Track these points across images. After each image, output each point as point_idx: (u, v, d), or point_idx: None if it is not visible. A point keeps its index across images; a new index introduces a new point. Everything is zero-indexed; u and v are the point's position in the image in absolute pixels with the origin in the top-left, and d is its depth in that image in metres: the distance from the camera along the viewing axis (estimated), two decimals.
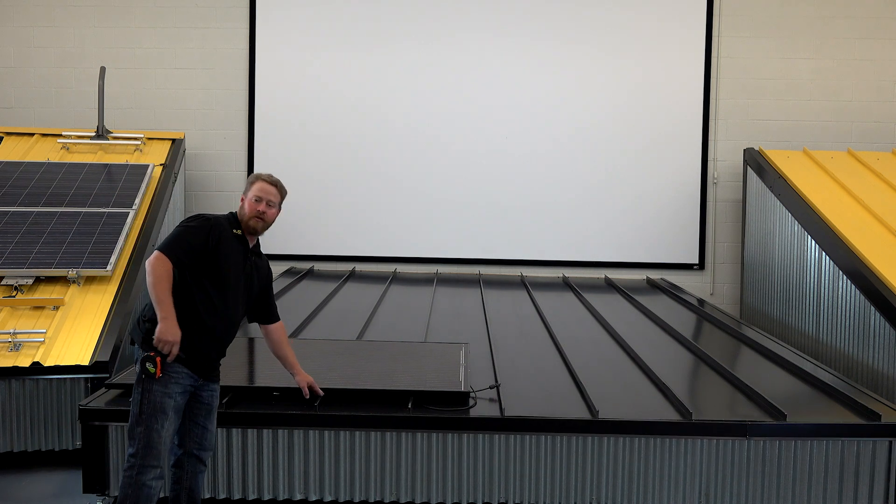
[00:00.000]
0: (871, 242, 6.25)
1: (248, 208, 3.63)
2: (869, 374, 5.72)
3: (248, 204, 3.63)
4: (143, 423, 3.35)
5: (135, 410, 3.38)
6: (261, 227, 3.66)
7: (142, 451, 3.34)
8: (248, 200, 3.64)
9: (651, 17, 8.80)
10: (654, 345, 5.66)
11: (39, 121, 8.71)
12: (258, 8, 8.80)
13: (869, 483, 3.99)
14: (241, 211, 3.65)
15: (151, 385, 3.36)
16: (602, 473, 3.99)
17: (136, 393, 3.38)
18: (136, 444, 3.36)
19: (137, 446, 3.35)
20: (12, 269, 5.86)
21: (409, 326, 5.99)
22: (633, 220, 8.81)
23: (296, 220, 8.82)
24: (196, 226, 3.49)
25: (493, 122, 8.85)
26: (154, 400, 3.36)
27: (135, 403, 3.38)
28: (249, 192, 3.66)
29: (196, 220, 3.52)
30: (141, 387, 3.37)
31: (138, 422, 3.36)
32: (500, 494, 4.02)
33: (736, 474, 3.98)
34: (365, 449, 4.00)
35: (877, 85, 8.82)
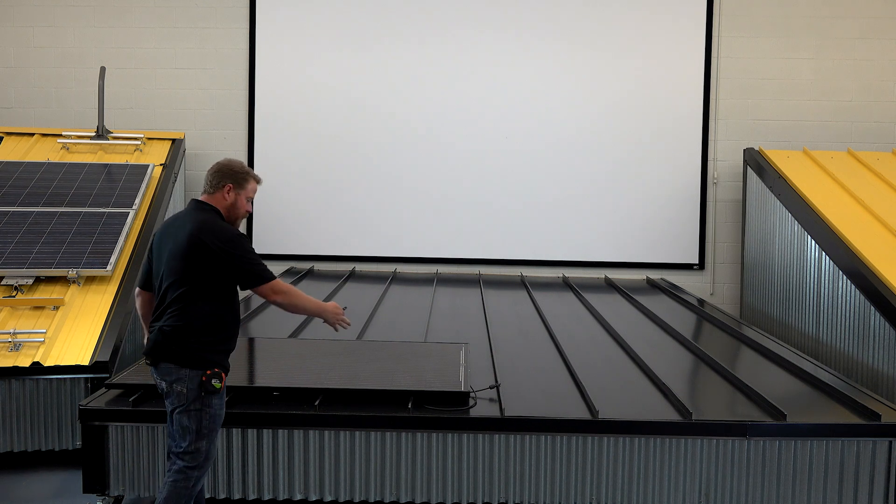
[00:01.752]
0: (871, 242, 6.25)
1: (242, 207, 3.63)
2: (869, 374, 5.72)
3: (242, 203, 3.63)
4: (205, 437, 3.43)
5: (193, 426, 3.40)
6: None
7: (203, 463, 3.45)
8: (241, 199, 3.61)
9: (651, 17, 8.80)
10: (654, 345, 5.66)
11: (39, 121, 8.71)
12: (258, 8, 8.80)
13: (869, 483, 3.99)
14: (232, 207, 3.60)
15: (211, 399, 3.43)
16: (602, 473, 3.99)
17: (194, 411, 3.40)
18: (199, 457, 3.42)
19: (200, 459, 3.43)
20: (12, 269, 5.86)
21: (409, 326, 5.99)
22: (633, 220, 8.81)
23: (296, 220, 8.83)
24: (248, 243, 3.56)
25: (492, 122, 8.85)
26: (214, 413, 3.45)
27: (193, 420, 3.40)
28: (245, 190, 3.61)
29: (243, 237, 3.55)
30: (199, 403, 3.40)
31: (199, 437, 3.41)
32: (500, 494, 4.02)
33: (736, 474, 3.98)
34: (365, 449, 4.00)
35: (877, 85, 8.82)
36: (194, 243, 3.41)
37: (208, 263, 3.41)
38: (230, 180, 3.58)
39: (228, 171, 3.59)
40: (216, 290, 3.47)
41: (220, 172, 3.59)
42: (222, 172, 3.59)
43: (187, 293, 3.43)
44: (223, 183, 3.57)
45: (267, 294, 3.53)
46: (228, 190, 3.57)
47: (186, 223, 3.48)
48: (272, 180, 8.81)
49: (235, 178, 3.59)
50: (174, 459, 3.44)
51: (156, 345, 3.46)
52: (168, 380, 3.43)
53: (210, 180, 3.59)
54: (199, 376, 3.39)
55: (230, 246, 3.43)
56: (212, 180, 3.58)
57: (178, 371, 3.41)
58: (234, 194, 3.59)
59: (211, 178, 3.59)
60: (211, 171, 3.61)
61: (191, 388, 3.39)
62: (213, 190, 3.58)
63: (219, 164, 3.63)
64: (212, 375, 3.40)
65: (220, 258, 3.42)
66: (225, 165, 3.62)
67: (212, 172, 3.60)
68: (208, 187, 3.59)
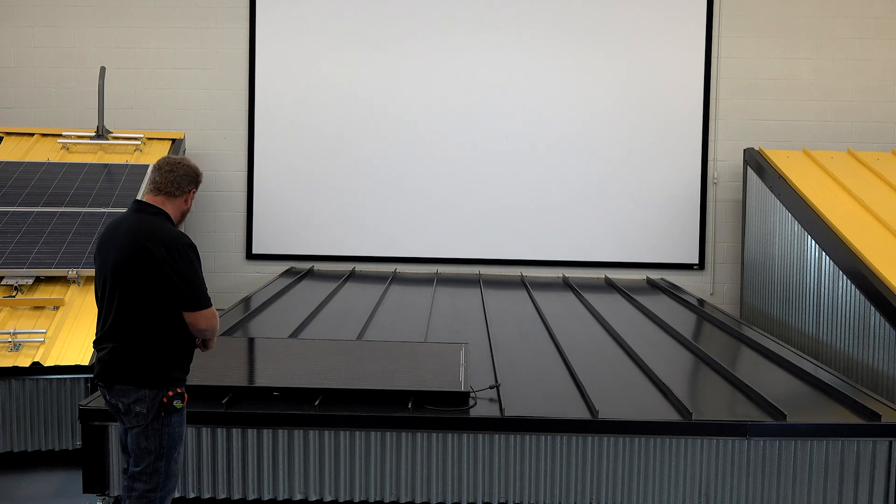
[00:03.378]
0: (871, 242, 6.25)
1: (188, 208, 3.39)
2: (869, 374, 5.72)
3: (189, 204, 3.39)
4: (166, 457, 3.26)
5: (153, 446, 3.23)
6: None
7: (163, 484, 3.27)
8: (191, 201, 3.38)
9: (651, 17, 8.80)
10: (654, 345, 5.66)
11: (39, 121, 8.71)
12: (258, 8, 8.80)
13: (869, 483, 3.98)
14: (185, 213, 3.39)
15: (170, 418, 3.25)
16: (602, 473, 3.99)
17: (154, 431, 3.21)
18: (158, 478, 3.25)
19: (159, 480, 3.25)
20: (12, 269, 5.86)
21: (409, 326, 5.99)
22: (634, 220, 8.81)
23: (296, 220, 8.83)
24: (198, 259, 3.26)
25: (493, 122, 8.84)
26: (174, 432, 3.27)
27: (153, 440, 3.22)
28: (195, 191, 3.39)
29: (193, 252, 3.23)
30: (159, 423, 3.21)
31: (159, 457, 3.24)
32: (500, 494, 4.02)
33: (736, 474, 3.98)
34: (365, 449, 4.00)
35: (877, 85, 8.82)
36: (138, 251, 3.13)
37: (149, 276, 3.13)
38: (195, 184, 3.37)
39: (194, 175, 3.35)
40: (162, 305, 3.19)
41: (188, 176, 3.32)
42: (190, 176, 3.33)
43: (138, 308, 3.17)
44: (190, 187, 3.34)
45: (199, 322, 3.21)
46: (192, 195, 3.37)
47: (131, 231, 3.19)
48: (272, 180, 8.82)
49: (198, 182, 3.39)
50: (130, 483, 3.26)
51: (108, 366, 3.21)
52: (125, 401, 3.21)
53: (174, 182, 3.28)
54: (160, 396, 3.20)
55: (177, 258, 3.14)
56: (177, 182, 3.29)
57: (136, 391, 3.19)
58: (192, 199, 3.39)
59: (177, 180, 3.29)
60: (172, 172, 3.30)
61: (151, 408, 3.20)
62: (177, 193, 3.29)
63: (183, 167, 3.33)
64: (174, 396, 3.22)
65: (161, 269, 3.12)
66: (190, 167, 3.35)
67: (177, 174, 3.29)
68: (171, 189, 3.28)
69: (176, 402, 3.23)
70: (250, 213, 8.83)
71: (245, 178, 8.84)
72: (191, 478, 4.01)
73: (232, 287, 8.73)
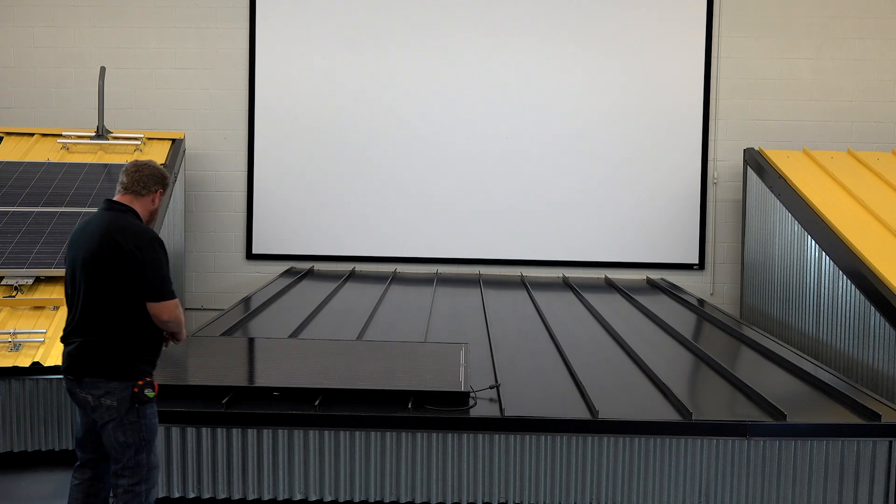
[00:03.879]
0: (871, 242, 6.25)
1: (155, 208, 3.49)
2: (869, 374, 5.72)
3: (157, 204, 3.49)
4: (146, 449, 3.31)
5: (131, 440, 3.26)
6: None
7: (146, 475, 3.32)
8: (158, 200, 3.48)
9: (651, 17, 8.80)
10: (654, 345, 5.66)
11: (39, 121, 8.70)
12: (258, 8, 8.80)
13: (869, 483, 3.99)
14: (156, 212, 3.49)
15: (146, 410, 3.30)
16: (602, 473, 3.99)
17: (130, 424, 3.26)
18: (141, 471, 3.29)
19: (143, 473, 3.29)
20: (12, 269, 5.86)
21: (409, 326, 5.99)
22: (633, 220, 8.80)
23: (296, 220, 8.83)
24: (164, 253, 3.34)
25: (493, 122, 8.84)
26: (149, 423, 3.33)
27: (130, 434, 3.26)
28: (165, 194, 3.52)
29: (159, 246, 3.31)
30: (134, 415, 3.26)
31: (140, 450, 3.28)
32: (500, 494, 4.02)
33: (736, 474, 3.98)
34: (365, 449, 4.00)
35: (877, 85, 8.82)
36: (107, 243, 3.22)
37: (117, 268, 3.21)
38: (162, 185, 3.46)
39: (161, 176, 3.46)
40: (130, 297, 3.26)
41: (153, 176, 3.43)
42: (156, 176, 3.44)
43: (110, 302, 3.24)
44: (157, 187, 3.44)
45: (162, 312, 3.26)
46: (160, 194, 3.47)
47: (101, 226, 3.28)
48: (272, 180, 8.82)
49: (164, 183, 3.48)
50: (115, 481, 3.30)
51: (77, 360, 3.26)
52: (95, 394, 3.25)
53: (140, 181, 3.39)
54: (130, 388, 3.24)
55: (143, 250, 3.22)
56: (143, 181, 3.40)
57: (106, 384, 3.24)
58: (160, 198, 3.48)
59: (143, 179, 3.40)
60: (139, 172, 3.41)
61: (122, 400, 3.24)
62: (143, 192, 3.40)
63: (149, 167, 3.45)
64: (144, 385, 3.26)
65: (127, 261, 3.20)
66: (157, 168, 3.47)
67: (143, 174, 3.41)
68: (137, 188, 3.39)
69: (147, 392, 3.28)
70: (250, 213, 8.83)
71: (245, 178, 8.84)
72: (191, 478, 4.01)
73: (232, 287, 8.73)
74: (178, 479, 4.00)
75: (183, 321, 3.41)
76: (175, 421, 3.97)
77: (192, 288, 8.78)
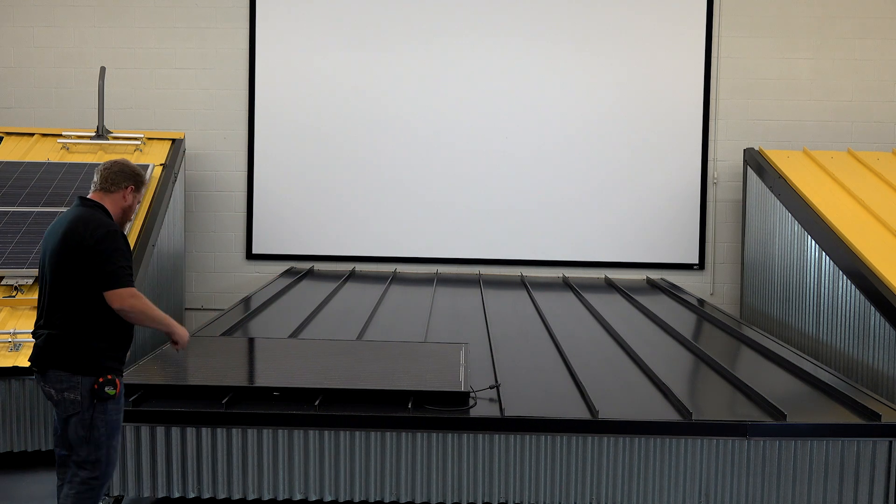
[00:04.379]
0: (871, 242, 6.25)
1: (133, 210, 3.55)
2: (869, 374, 5.72)
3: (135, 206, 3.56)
4: (105, 445, 3.33)
5: (92, 435, 3.29)
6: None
7: (103, 471, 3.35)
8: (136, 203, 3.55)
9: (651, 17, 8.80)
10: (654, 345, 5.66)
11: (39, 121, 8.70)
12: (258, 8, 8.80)
13: (869, 483, 3.99)
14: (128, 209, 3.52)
15: (106, 406, 3.31)
16: (602, 473, 3.99)
17: (87, 418, 3.27)
18: (100, 466, 3.32)
19: (101, 468, 3.33)
20: (12, 269, 5.86)
21: (409, 326, 5.99)
22: (633, 220, 8.80)
23: (296, 220, 8.83)
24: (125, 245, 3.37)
25: (493, 122, 8.84)
26: (111, 419, 3.34)
27: (90, 429, 3.28)
28: (140, 193, 3.55)
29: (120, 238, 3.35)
30: (93, 411, 3.28)
31: (99, 445, 3.31)
32: (500, 494, 4.02)
33: (736, 474, 3.98)
34: (365, 449, 4.00)
35: (877, 85, 8.82)
36: (70, 236, 3.28)
37: (79, 261, 3.26)
38: (132, 181, 3.51)
39: (131, 172, 3.51)
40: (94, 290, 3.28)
41: (122, 172, 3.48)
42: (125, 173, 3.49)
43: (74, 294, 3.28)
44: (126, 184, 3.48)
45: (113, 300, 3.26)
46: (130, 191, 3.50)
47: (67, 221, 3.35)
48: (272, 180, 8.82)
49: (137, 180, 3.53)
50: (74, 470, 3.32)
51: (43, 352, 3.30)
52: (58, 388, 3.28)
53: (109, 178, 3.45)
54: (92, 383, 3.26)
55: (103, 242, 3.27)
56: (112, 178, 3.45)
57: (69, 379, 3.26)
58: (132, 196, 3.52)
59: (111, 176, 3.46)
60: (108, 169, 3.48)
61: (84, 395, 3.26)
62: (112, 189, 3.45)
63: (119, 164, 3.51)
64: (105, 382, 3.27)
65: (88, 252, 3.25)
66: (126, 165, 3.52)
67: (112, 171, 3.47)
68: (106, 185, 3.45)
69: (108, 389, 3.29)
70: (250, 213, 8.83)
71: (245, 178, 8.84)
72: (191, 478, 4.01)
73: (232, 287, 8.74)
74: (178, 479, 4.00)
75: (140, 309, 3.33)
76: (175, 421, 3.97)
77: (192, 288, 8.79)
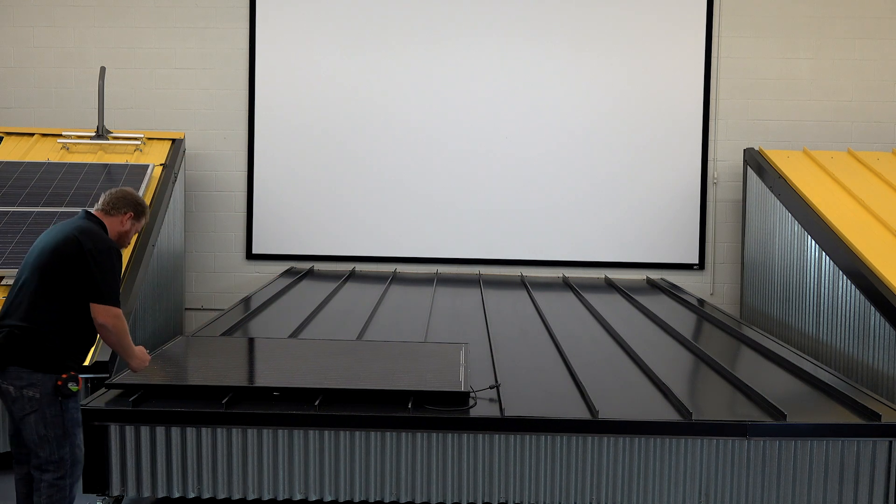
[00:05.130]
0: (871, 242, 6.25)
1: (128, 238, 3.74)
2: (869, 374, 5.72)
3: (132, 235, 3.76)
4: (69, 443, 3.37)
5: (53, 434, 3.32)
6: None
7: (71, 469, 3.38)
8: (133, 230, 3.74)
9: (651, 17, 8.80)
10: (654, 345, 5.66)
11: (39, 121, 8.71)
12: (258, 8, 8.80)
13: (869, 483, 3.99)
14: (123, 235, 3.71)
15: (68, 403, 3.36)
16: (602, 473, 3.99)
17: (52, 417, 3.32)
18: (65, 465, 3.36)
19: (66, 467, 3.36)
20: (12, 269, 5.85)
21: (409, 326, 5.99)
22: (633, 220, 8.81)
23: (295, 220, 8.83)
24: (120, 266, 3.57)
25: (493, 122, 8.84)
26: (73, 416, 3.39)
27: (51, 426, 3.32)
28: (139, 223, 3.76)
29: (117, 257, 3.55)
30: (56, 408, 3.32)
31: (62, 443, 3.34)
32: (500, 494, 4.02)
33: (736, 474, 3.98)
34: (365, 449, 4.00)
35: (877, 85, 8.82)
36: (69, 241, 3.42)
37: (71, 263, 3.39)
38: (132, 209, 3.71)
39: (133, 201, 3.73)
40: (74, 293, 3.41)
41: (124, 199, 3.70)
42: (127, 200, 3.71)
43: (52, 294, 3.38)
44: (126, 210, 3.69)
45: (99, 314, 3.43)
46: (128, 217, 3.70)
47: (69, 227, 3.51)
48: (272, 180, 8.82)
49: (137, 210, 3.73)
50: (38, 475, 3.34)
51: (4, 348, 3.34)
52: (17, 385, 3.31)
53: (111, 202, 3.68)
54: (54, 380, 3.31)
55: (100, 255, 3.43)
56: (114, 202, 3.68)
57: (30, 375, 3.31)
58: (130, 223, 3.71)
59: (113, 200, 3.69)
60: (113, 194, 3.71)
61: (45, 392, 3.29)
62: (112, 212, 3.67)
63: (124, 192, 3.74)
64: (68, 379, 3.32)
65: (83, 261, 3.39)
66: (130, 194, 3.74)
67: (114, 196, 3.70)
68: (107, 207, 3.67)
69: (71, 385, 3.34)
70: (250, 213, 8.83)
71: (245, 178, 8.84)
72: (191, 478, 4.01)
73: (232, 287, 8.74)
74: (178, 479, 4.00)
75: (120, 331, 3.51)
76: (175, 421, 3.97)
77: (192, 288, 8.79)
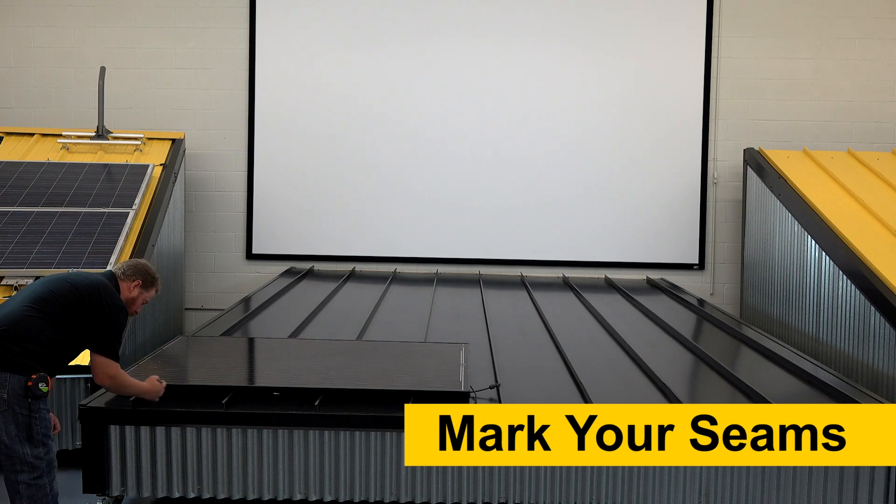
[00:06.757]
0: (871, 242, 6.25)
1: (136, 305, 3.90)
2: (869, 374, 5.72)
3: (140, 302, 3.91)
4: (41, 443, 3.40)
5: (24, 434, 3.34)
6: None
7: (46, 470, 3.41)
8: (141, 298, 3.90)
9: (651, 17, 8.80)
10: (654, 345, 5.66)
11: (39, 121, 8.70)
12: (258, 8, 8.80)
13: (869, 483, 3.98)
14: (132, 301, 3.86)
15: (39, 405, 3.39)
16: (602, 473, 3.99)
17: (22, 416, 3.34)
18: (41, 464, 3.39)
19: (42, 467, 3.40)
20: (12, 269, 5.86)
21: (409, 326, 5.99)
22: (634, 220, 8.80)
23: (296, 220, 8.83)
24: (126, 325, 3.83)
25: (493, 122, 8.84)
26: (45, 418, 3.43)
27: (22, 427, 3.34)
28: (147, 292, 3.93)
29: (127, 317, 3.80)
30: (26, 409, 3.35)
31: (33, 445, 3.37)
32: (499, 494, 4.02)
33: (736, 474, 3.98)
34: (365, 449, 4.00)
35: (877, 85, 8.82)
36: (91, 290, 3.59)
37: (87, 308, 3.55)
38: (141, 278, 3.88)
39: (143, 271, 3.91)
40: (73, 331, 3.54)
41: (135, 267, 3.91)
42: (137, 268, 3.90)
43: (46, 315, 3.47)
44: (135, 278, 3.87)
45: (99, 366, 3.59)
46: (136, 285, 3.87)
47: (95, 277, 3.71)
48: (272, 180, 8.82)
49: (146, 279, 3.90)
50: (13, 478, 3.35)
51: None
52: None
53: (124, 267, 3.89)
54: (24, 381, 3.33)
55: (114, 313, 3.64)
56: (126, 269, 3.88)
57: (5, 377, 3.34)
58: (138, 291, 3.88)
59: (127, 267, 3.89)
60: (130, 261, 3.95)
61: (14, 393, 3.31)
62: (124, 277, 3.85)
63: (139, 262, 3.97)
64: (38, 379, 3.35)
65: (100, 310, 3.57)
66: (143, 265, 3.95)
67: (129, 263, 3.93)
68: (121, 272, 3.87)
69: (41, 386, 3.37)
70: (250, 213, 8.83)
71: (245, 178, 8.84)
72: (191, 478, 4.01)
73: (232, 287, 8.74)
74: (178, 479, 4.00)
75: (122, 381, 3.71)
76: (175, 421, 3.97)
77: (192, 288, 8.79)
